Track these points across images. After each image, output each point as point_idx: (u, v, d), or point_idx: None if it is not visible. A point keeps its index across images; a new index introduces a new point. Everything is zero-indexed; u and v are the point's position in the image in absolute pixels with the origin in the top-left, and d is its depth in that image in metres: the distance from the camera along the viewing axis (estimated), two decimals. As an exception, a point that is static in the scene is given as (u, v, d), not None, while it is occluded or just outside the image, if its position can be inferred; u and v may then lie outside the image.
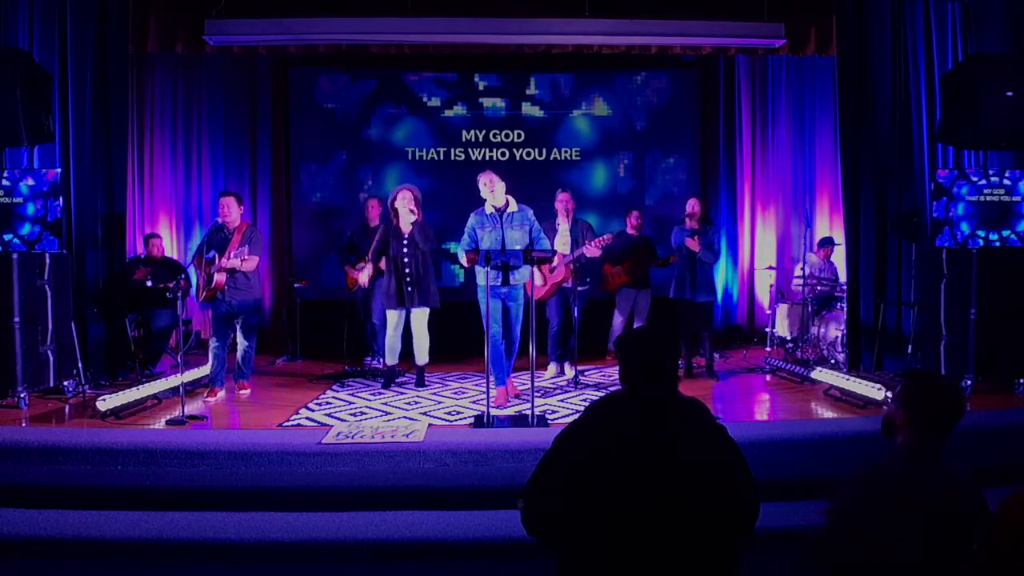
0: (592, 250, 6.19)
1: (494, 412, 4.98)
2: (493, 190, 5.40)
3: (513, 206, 5.46)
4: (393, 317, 6.04)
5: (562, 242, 6.40)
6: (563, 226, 6.47)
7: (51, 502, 3.86)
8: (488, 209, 5.44)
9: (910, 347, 6.07)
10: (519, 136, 8.45)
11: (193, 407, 5.29)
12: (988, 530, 1.87)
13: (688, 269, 6.32)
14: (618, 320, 7.28)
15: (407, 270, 5.90)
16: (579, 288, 6.19)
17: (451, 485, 4.02)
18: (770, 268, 8.34)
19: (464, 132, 8.44)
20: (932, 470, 1.96)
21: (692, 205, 6.41)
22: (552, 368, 6.63)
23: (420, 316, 6.01)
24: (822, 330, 6.95)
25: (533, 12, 6.48)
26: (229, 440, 4.45)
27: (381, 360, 6.49)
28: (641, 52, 7.21)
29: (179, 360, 5.30)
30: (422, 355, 6.11)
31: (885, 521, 1.90)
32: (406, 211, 5.89)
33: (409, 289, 5.90)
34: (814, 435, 4.52)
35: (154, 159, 8.36)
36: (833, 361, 6.63)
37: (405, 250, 5.90)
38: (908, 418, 2.04)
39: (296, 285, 7.81)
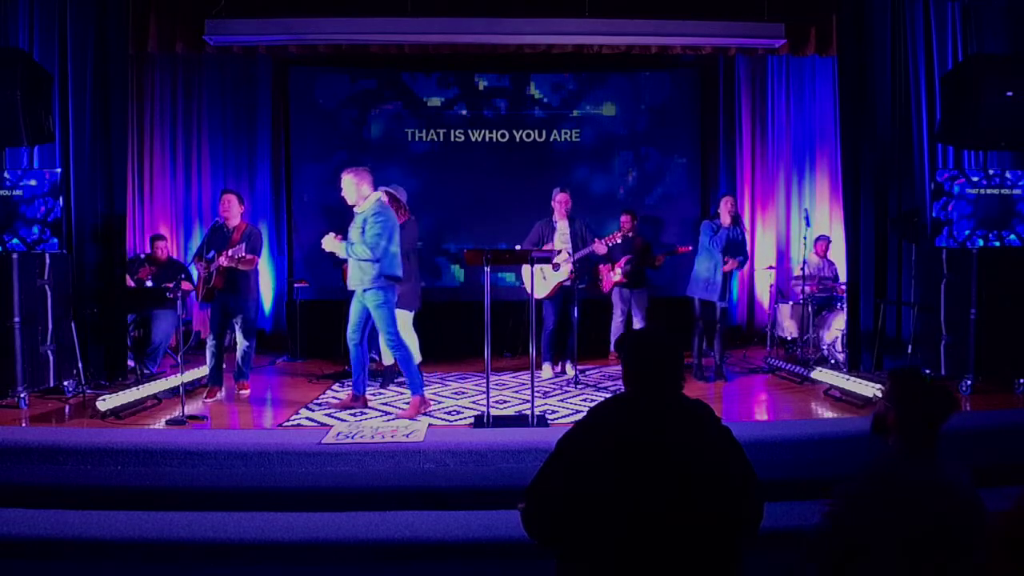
0: (601, 247, 6.25)
1: (494, 412, 4.97)
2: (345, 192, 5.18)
3: (364, 206, 5.10)
4: None
5: (561, 241, 6.43)
6: (561, 223, 6.49)
7: (51, 502, 3.85)
8: None
9: (910, 347, 6.07)
10: (519, 136, 8.45)
11: (193, 407, 5.28)
12: (986, 533, 1.84)
13: (713, 271, 6.14)
14: (617, 319, 7.28)
15: None
16: (579, 286, 6.20)
17: (451, 485, 4.02)
18: (770, 268, 8.35)
19: (464, 132, 8.44)
20: (927, 470, 1.95)
21: (729, 203, 6.17)
22: (547, 368, 6.62)
23: (401, 317, 5.99)
24: (822, 330, 6.96)
25: (533, 12, 6.48)
26: (229, 440, 4.45)
27: (377, 361, 6.49)
28: (641, 52, 7.22)
29: (179, 360, 5.30)
30: (412, 355, 6.09)
31: (882, 523, 1.88)
32: None
33: None
34: (814, 435, 4.51)
35: (154, 159, 8.37)
36: (833, 361, 6.63)
37: None
38: (900, 418, 2.02)
39: (296, 285, 7.81)
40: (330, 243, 5.17)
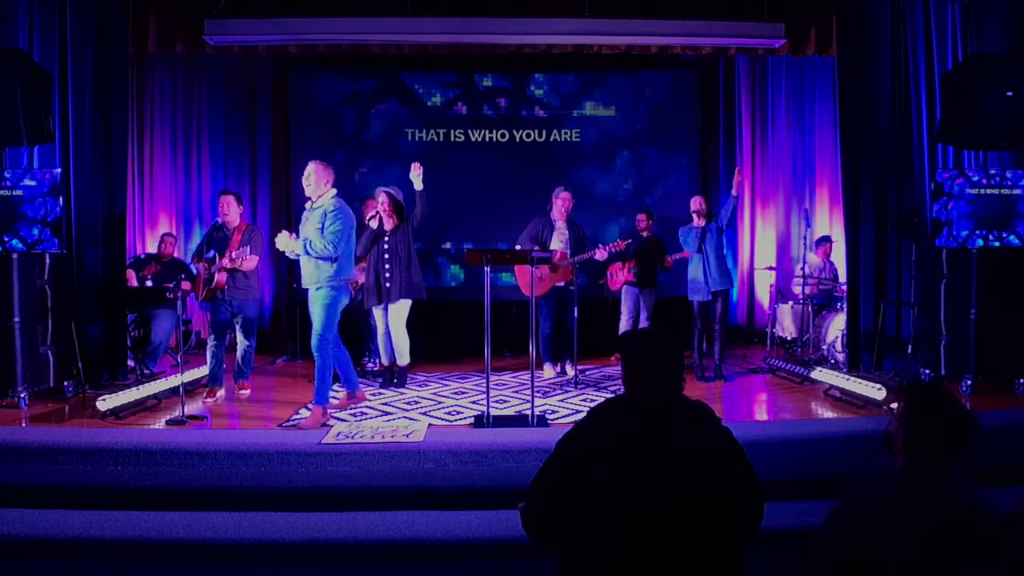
0: (602, 254, 6.30)
1: (494, 412, 4.97)
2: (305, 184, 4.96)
3: (322, 201, 4.90)
4: (380, 316, 6.07)
5: (558, 243, 6.43)
6: (560, 224, 6.50)
7: (51, 502, 3.85)
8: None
9: (910, 347, 6.07)
10: (519, 136, 8.44)
11: (193, 407, 5.29)
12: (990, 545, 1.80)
13: (697, 270, 6.19)
14: (625, 319, 7.24)
15: (387, 265, 5.92)
16: (570, 288, 6.22)
17: (451, 485, 4.02)
18: (770, 268, 8.35)
19: (464, 132, 8.44)
20: (935, 495, 1.82)
21: (697, 202, 6.28)
22: (548, 368, 6.61)
23: (398, 312, 5.99)
24: (822, 330, 6.95)
25: (533, 12, 6.48)
26: (229, 440, 4.46)
27: (377, 361, 6.50)
28: (641, 52, 7.21)
29: (179, 360, 5.30)
30: (402, 356, 6.10)
31: (880, 542, 1.83)
32: (381, 214, 6.01)
33: (387, 285, 5.90)
34: (814, 435, 4.51)
35: (154, 159, 8.38)
36: (833, 361, 6.63)
37: (386, 244, 5.94)
38: (909, 440, 1.90)
39: (296, 285, 7.80)
40: (285, 241, 4.95)
